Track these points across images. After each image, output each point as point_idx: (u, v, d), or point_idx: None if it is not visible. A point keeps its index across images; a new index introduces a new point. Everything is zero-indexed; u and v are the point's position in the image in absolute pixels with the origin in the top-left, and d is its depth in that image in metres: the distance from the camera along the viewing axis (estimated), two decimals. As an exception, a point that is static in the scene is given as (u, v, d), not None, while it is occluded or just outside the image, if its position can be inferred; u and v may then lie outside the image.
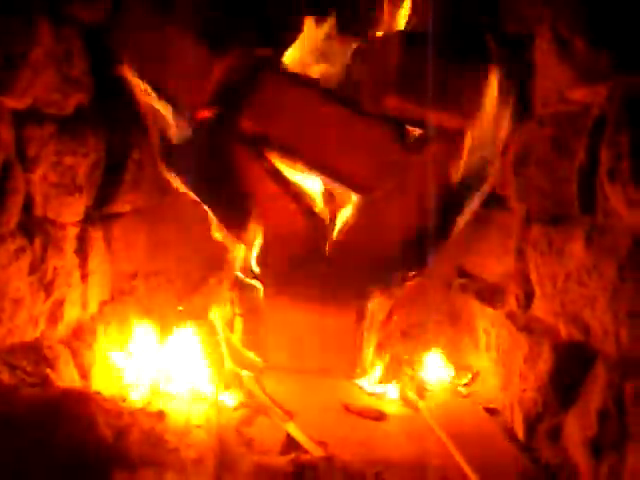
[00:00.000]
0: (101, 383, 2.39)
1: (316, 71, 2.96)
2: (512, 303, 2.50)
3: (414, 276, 2.88)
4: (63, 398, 1.87)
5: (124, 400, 2.13)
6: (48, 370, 2.06)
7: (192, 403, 2.34)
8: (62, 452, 1.68)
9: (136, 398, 2.32)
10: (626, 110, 1.67)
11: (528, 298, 2.36)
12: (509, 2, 2.54)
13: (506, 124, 2.61)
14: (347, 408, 2.55)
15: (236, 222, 2.82)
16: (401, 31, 2.88)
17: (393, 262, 2.86)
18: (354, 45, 3.00)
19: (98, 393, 2.01)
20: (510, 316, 2.49)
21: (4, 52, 1.82)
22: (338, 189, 2.88)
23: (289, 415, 2.37)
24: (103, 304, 2.61)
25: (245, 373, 2.62)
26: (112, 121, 2.54)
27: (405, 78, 2.71)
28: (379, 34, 2.97)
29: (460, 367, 2.89)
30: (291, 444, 2.23)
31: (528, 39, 2.36)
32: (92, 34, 2.41)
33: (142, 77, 2.63)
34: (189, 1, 2.61)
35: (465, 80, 2.68)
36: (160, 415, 2.00)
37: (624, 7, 1.73)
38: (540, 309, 2.26)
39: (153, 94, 2.67)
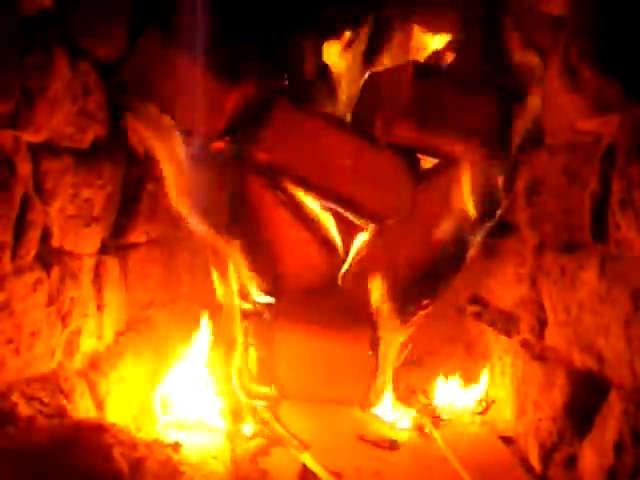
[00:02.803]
0: (117, 414, 2.40)
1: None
2: (526, 331, 2.49)
3: (427, 305, 2.88)
4: (79, 429, 1.88)
5: (140, 431, 2.13)
6: (64, 401, 2.07)
7: (207, 434, 2.35)
8: (79, 484, 1.69)
9: (152, 429, 2.33)
10: (637, 141, 1.68)
11: (542, 326, 2.36)
12: (520, 32, 2.57)
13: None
14: (362, 438, 2.55)
15: (250, 252, 2.83)
16: (413, 61, 2.91)
17: (406, 291, 2.87)
18: (365, 74, 3.05)
19: (114, 424, 2.01)
20: (524, 344, 2.49)
21: (22, 87, 1.84)
22: (352, 218, 2.91)
23: (304, 445, 2.37)
24: (119, 334, 2.62)
25: (259, 403, 2.63)
26: (127, 153, 2.58)
27: (416, 107, 2.74)
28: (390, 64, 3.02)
29: (475, 396, 2.88)
30: (306, 474, 2.23)
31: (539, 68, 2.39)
32: (108, 67, 2.45)
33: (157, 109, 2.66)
34: (202, 33, 2.65)
35: (477, 109, 2.71)
36: (176, 446, 2.00)
37: (634, 37, 1.74)
38: (554, 337, 2.26)
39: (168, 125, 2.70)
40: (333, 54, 3.16)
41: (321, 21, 3.00)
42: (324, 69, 3.16)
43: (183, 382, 2.59)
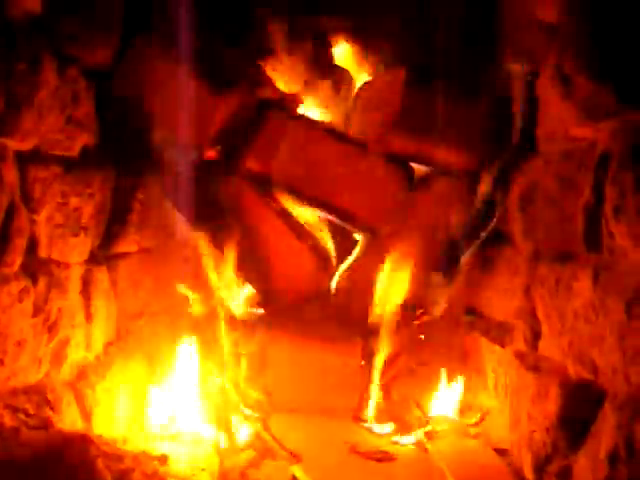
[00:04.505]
0: (104, 425, 2.37)
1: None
2: (520, 341, 2.47)
3: (421, 314, 2.86)
4: (63, 441, 1.84)
5: (127, 442, 2.10)
6: (50, 412, 2.03)
7: (195, 445, 2.32)
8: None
9: (139, 440, 2.30)
10: (630, 147, 1.66)
11: (536, 336, 2.33)
12: (513, 39, 2.55)
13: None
14: (353, 449, 2.52)
15: (241, 260, 2.81)
16: (405, 69, 2.90)
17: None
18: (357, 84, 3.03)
19: (100, 436, 1.99)
20: (518, 355, 2.46)
21: (8, 93, 1.82)
22: (345, 227, 2.89)
23: (295, 457, 2.34)
24: (108, 344, 2.59)
25: (250, 414, 2.60)
26: (117, 162, 2.55)
27: (409, 116, 2.73)
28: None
29: (469, 407, 2.85)
30: (297, 487, 2.20)
31: (533, 76, 2.37)
32: (98, 75, 2.43)
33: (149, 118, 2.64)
34: (193, 41, 2.63)
35: (472, 116, 2.70)
36: (163, 458, 1.97)
37: (627, 44, 1.73)
38: (548, 348, 2.23)
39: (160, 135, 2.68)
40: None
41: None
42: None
43: (172, 393, 2.56)
